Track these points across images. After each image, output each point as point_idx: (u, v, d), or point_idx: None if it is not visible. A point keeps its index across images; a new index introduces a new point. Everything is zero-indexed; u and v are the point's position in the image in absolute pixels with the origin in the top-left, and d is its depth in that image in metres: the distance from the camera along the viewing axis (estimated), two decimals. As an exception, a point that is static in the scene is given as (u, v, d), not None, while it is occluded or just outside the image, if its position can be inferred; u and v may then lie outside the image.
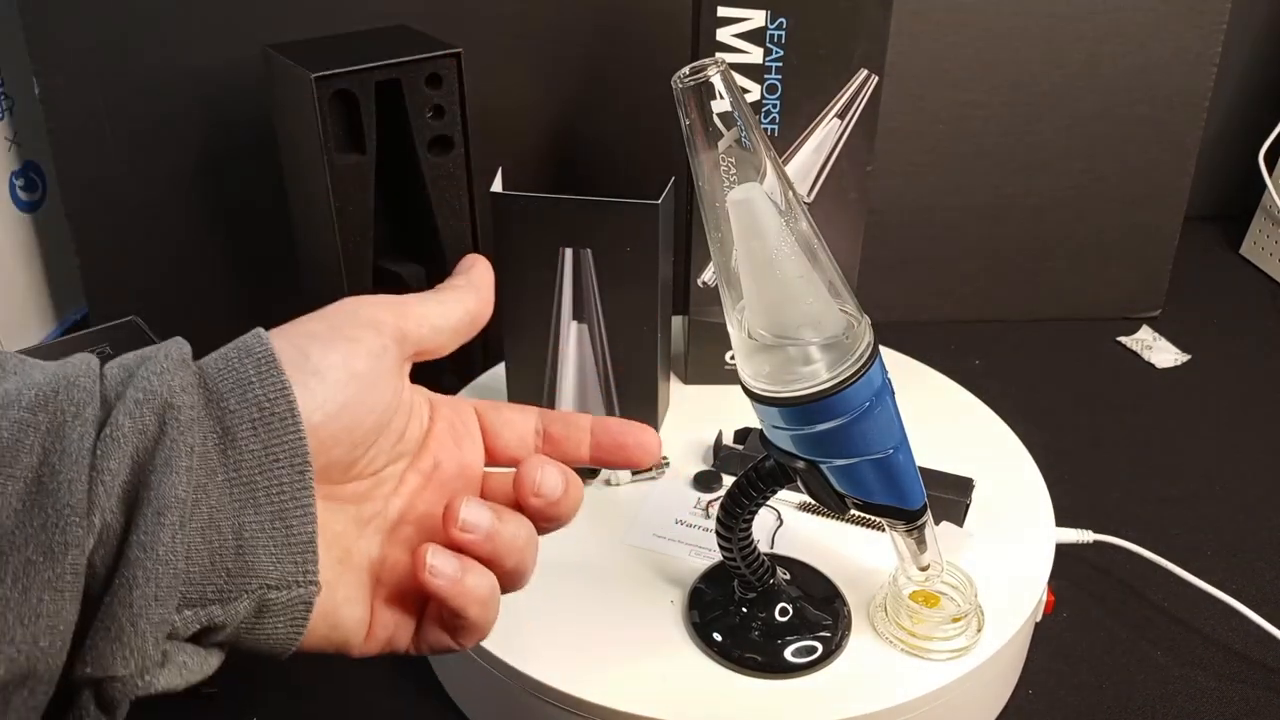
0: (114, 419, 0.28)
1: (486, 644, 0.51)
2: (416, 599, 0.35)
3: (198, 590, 0.28)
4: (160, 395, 0.28)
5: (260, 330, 0.32)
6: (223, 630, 0.29)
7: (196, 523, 0.28)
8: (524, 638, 0.52)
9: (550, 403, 0.66)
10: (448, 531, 0.34)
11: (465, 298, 0.38)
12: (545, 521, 0.36)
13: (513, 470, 0.37)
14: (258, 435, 0.29)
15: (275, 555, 0.29)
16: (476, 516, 0.34)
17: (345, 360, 0.32)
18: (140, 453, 0.28)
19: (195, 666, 0.29)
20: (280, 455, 0.29)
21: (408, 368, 0.36)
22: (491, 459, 0.39)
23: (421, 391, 0.38)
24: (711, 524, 0.60)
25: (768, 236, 0.41)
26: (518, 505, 0.36)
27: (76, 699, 0.27)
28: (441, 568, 0.33)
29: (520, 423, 0.39)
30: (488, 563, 0.34)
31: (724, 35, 0.62)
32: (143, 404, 0.28)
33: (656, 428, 0.68)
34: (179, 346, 0.31)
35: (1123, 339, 0.92)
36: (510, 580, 0.35)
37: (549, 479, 0.36)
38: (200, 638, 0.29)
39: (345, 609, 0.33)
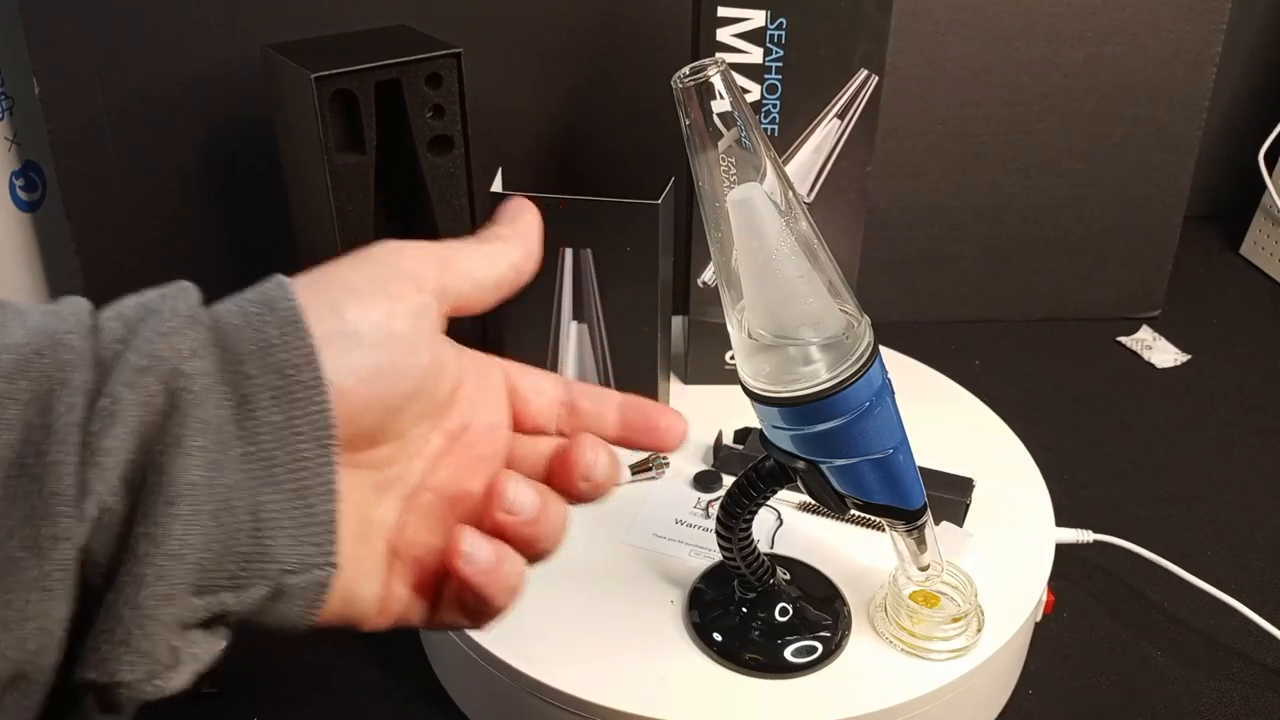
0: (111, 388, 0.24)
1: (486, 644, 0.51)
2: (436, 576, 0.33)
3: (210, 578, 0.25)
4: (168, 361, 0.25)
5: (283, 280, 0.28)
6: (232, 615, 0.27)
7: (210, 505, 0.25)
8: (524, 638, 0.52)
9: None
10: (492, 514, 0.31)
11: (510, 250, 0.34)
12: (581, 502, 0.34)
13: (540, 438, 0.35)
14: (279, 405, 0.26)
15: (295, 537, 0.27)
16: (525, 499, 0.31)
17: (386, 320, 0.29)
18: (146, 428, 0.25)
19: (204, 655, 0.27)
20: (303, 428, 0.26)
21: (445, 324, 0.33)
22: (516, 425, 0.36)
23: (451, 345, 0.34)
24: (711, 524, 0.60)
25: (768, 236, 0.41)
26: (551, 480, 0.34)
27: (79, 701, 0.25)
28: (477, 555, 0.30)
29: (549, 390, 0.36)
30: (525, 545, 0.32)
31: (724, 35, 0.62)
32: (147, 371, 0.25)
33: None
34: (186, 297, 0.27)
35: (1123, 339, 0.92)
36: (540, 559, 0.33)
37: (601, 462, 0.33)
38: (208, 623, 0.27)
39: (361, 585, 0.31)
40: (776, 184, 0.42)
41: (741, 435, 0.65)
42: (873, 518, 0.56)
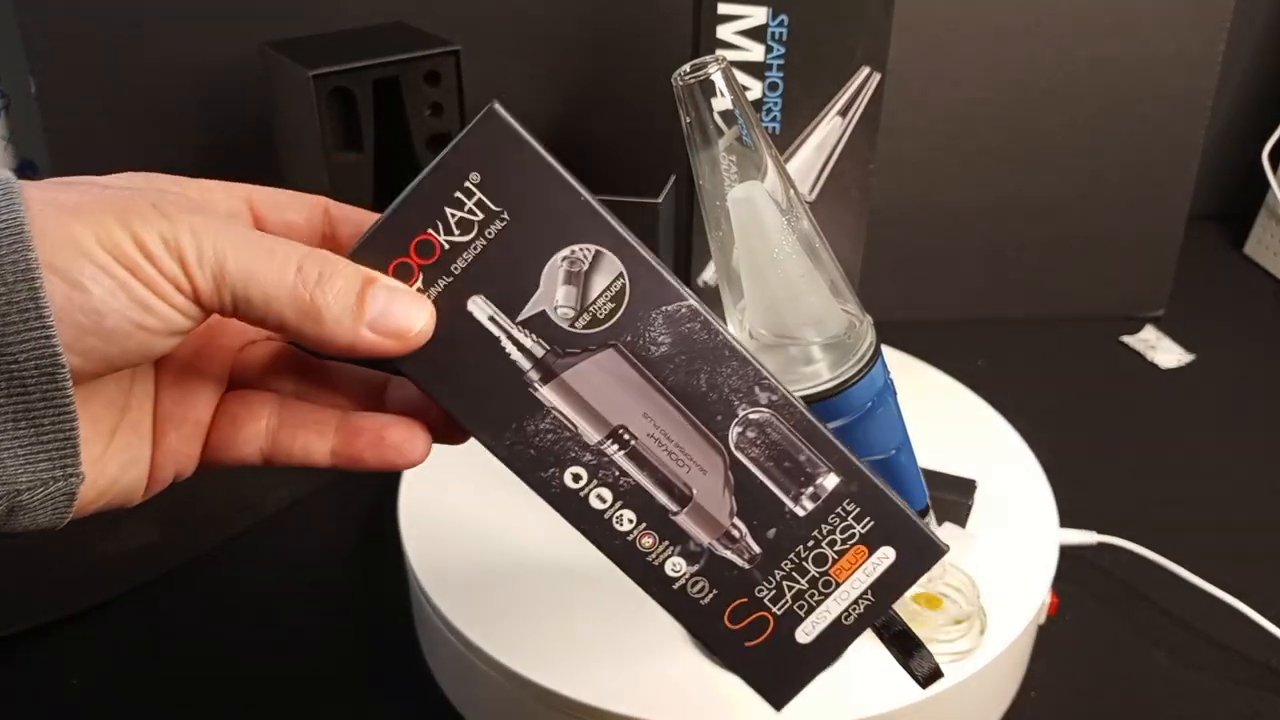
0: None
1: (486, 646, 0.51)
2: (209, 400, 0.32)
3: None
4: None
5: (11, 182, 0.25)
6: None
7: None
8: (523, 640, 0.51)
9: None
10: None
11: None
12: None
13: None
14: None
15: (24, 457, 0.26)
16: None
17: (128, 306, 0.26)
18: None
19: None
20: (19, 353, 0.25)
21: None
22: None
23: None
24: (712, 525, 0.59)
25: (769, 235, 0.41)
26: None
27: None
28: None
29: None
30: None
31: (725, 32, 0.61)
32: None
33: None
34: None
35: (1126, 339, 0.91)
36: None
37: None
38: None
39: (121, 475, 0.30)
40: (778, 182, 0.41)
41: (742, 436, 0.65)
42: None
